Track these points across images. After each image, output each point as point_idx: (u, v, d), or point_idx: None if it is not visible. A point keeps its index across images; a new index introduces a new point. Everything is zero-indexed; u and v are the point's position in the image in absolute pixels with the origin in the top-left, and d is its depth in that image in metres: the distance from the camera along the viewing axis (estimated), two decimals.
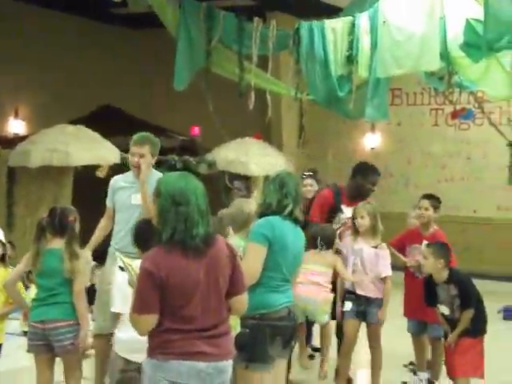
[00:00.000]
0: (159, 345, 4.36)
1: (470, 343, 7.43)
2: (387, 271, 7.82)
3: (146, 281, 4.30)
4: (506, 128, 14.80)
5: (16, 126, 18.77)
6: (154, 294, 4.26)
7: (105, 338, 6.77)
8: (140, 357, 5.39)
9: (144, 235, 6.00)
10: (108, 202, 7.63)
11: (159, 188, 4.45)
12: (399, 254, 8.60)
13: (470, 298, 7.48)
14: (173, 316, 4.32)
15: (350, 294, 7.96)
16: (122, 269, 5.72)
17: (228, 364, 4.55)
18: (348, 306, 7.92)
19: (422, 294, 7.95)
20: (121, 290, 5.88)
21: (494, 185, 15.96)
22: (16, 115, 18.60)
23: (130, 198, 7.36)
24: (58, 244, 6.34)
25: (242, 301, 4.68)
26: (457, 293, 7.43)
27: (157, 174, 7.52)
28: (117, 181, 7.69)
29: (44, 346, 6.22)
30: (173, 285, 4.29)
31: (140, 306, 4.30)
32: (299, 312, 6.78)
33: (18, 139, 15.73)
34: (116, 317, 5.97)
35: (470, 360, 7.45)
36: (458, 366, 7.44)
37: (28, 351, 6.39)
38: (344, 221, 8.66)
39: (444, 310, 7.56)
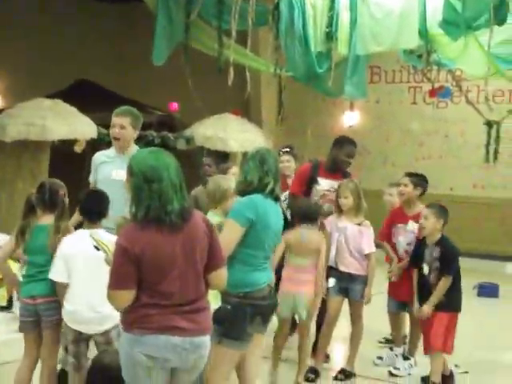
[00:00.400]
0: (136, 319, 4.34)
1: (444, 317, 7.49)
2: (371, 248, 7.87)
3: (121, 257, 4.32)
4: (484, 106, 14.69)
5: None
6: (130, 270, 4.27)
7: None
8: (89, 328, 5.78)
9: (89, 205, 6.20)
10: (91, 178, 7.60)
11: (131, 166, 4.48)
12: (393, 255, 8.53)
13: (449, 265, 7.52)
14: (150, 291, 4.33)
15: (333, 271, 7.94)
16: (96, 248, 5.55)
17: (205, 339, 4.55)
18: (331, 282, 7.91)
19: (408, 279, 8.03)
20: (65, 261, 5.88)
21: (470, 163, 16.12)
22: None
23: (111, 173, 7.28)
24: (48, 220, 6.29)
25: (221, 276, 4.70)
26: (439, 255, 7.49)
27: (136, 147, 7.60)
28: (98, 156, 7.64)
29: (34, 323, 6.20)
30: (148, 260, 4.30)
31: (116, 282, 4.32)
32: (288, 309, 6.89)
33: None
34: (63, 288, 5.93)
35: (441, 334, 7.55)
36: (432, 340, 7.53)
37: (20, 331, 6.36)
38: (322, 193, 8.59)
39: (426, 269, 7.60)
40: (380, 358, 8.44)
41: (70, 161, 13.41)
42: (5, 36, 18.24)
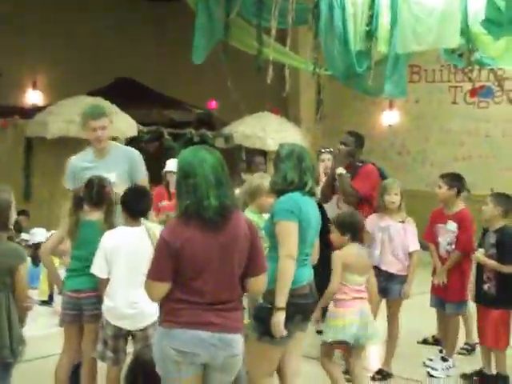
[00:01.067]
0: (167, 313, 4.46)
1: (502, 314, 7.55)
2: (415, 246, 7.91)
3: (162, 250, 4.40)
4: None
5: (34, 97, 18.88)
6: (168, 264, 4.32)
7: None
8: (128, 324, 5.87)
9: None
10: (70, 186, 7.26)
11: (177, 163, 4.64)
12: (436, 259, 8.57)
13: (506, 252, 7.47)
14: (184, 287, 4.40)
15: (377, 270, 7.88)
16: (148, 228, 5.97)
17: (236, 337, 4.58)
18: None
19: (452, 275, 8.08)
20: (106, 256, 5.99)
21: (509, 162, 16.03)
22: (34, 86, 18.81)
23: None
24: (95, 215, 6.41)
25: (260, 283, 4.74)
26: (495, 242, 7.49)
27: (124, 149, 7.82)
28: (77, 162, 7.42)
29: (76, 316, 6.30)
30: (186, 256, 4.36)
31: (154, 273, 4.39)
32: (354, 335, 6.51)
33: (35, 110, 15.84)
34: (104, 283, 6.05)
35: (496, 330, 7.60)
36: (501, 340, 7.58)
37: (60, 325, 6.47)
38: None
39: (478, 255, 7.65)
40: (430, 359, 8.42)
41: None
42: (47, 33, 18.68)
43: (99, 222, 6.35)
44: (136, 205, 6.16)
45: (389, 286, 7.86)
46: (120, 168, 7.23)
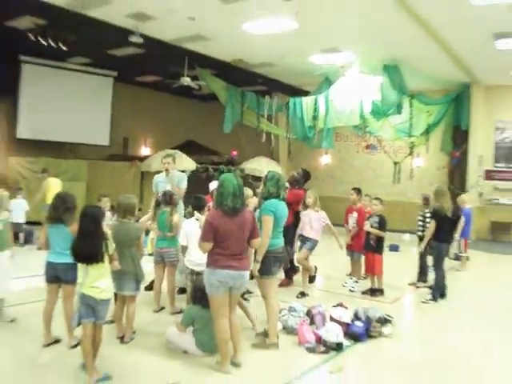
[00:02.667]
0: (211, 261, 5.25)
1: (378, 256, 8.98)
2: (327, 221, 9.07)
3: (207, 225, 5.19)
4: (392, 154, 18.32)
5: (145, 150, 21.40)
6: (211, 233, 5.14)
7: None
8: (197, 268, 6.63)
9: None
10: (154, 190, 8.63)
11: (218, 180, 5.41)
12: (348, 231, 9.69)
13: (380, 226, 8.88)
14: (219, 246, 5.18)
15: (300, 237, 9.12)
16: (197, 219, 6.77)
17: (245, 273, 5.36)
18: (299, 244, 9.16)
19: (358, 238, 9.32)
20: (186, 234, 6.81)
21: (386, 183, 18.37)
22: (145, 145, 21.83)
23: (165, 187, 8.24)
24: (166, 209, 7.41)
25: (257, 242, 5.50)
26: (377, 221, 8.91)
27: (177, 172, 8.72)
28: (157, 178, 8.74)
29: (161, 261, 7.43)
30: (219, 229, 5.13)
31: (204, 237, 5.19)
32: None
33: (146, 157, 18.23)
34: (184, 248, 6.86)
35: (376, 265, 8.93)
36: (376, 269, 8.92)
37: (154, 263, 7.55)
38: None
39: (368, 226, 9.01)
40: (346, 282, 9.65)
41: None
42: (151, 114, 21.46)
43: (168, 212, 7.41)
44: (197, 204, 7.10)
45: (305, 243, 8.99)
46: (175, 181, 8.39)
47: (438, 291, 9.08)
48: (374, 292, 9.03)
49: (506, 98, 17.74)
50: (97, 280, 4.92)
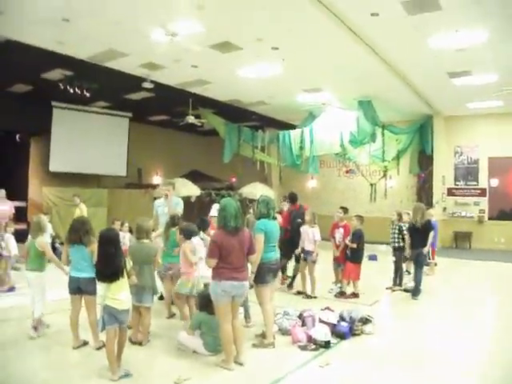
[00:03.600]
0: (216, 274, 5.24)
1: (354, 265, 9.09)
2: (318, 238, 9.01)
3: (213, 244, 5.21)
4: (368, 177, 18.30)
5: (156, 179, 20.96)
6: (216, 250, 5.15)
7: None
8: (204, 280, 6.48)
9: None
10: (154, 212, 8.43)
11: (219, 204, 5.50)
12: (334, 245, 9.50)
13: (355, 238, 8.97)
14: (223, 261, 5.19)
15: (304, 249, 9.17)
16: (202, 239, 6.79)
17: (245, 283, 5.41)
18: (302, 255, 9.28)
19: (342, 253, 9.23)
20: (196, 251, 6.68)
21: (364, 201, 18.42)
22: (156, 174, 21.48)
23: (164, 210, 8.22)
24: (174, 229, 7.28)
25: (254, 257, 5.60)
26: (352, 235, 9.01)
27: (175, 198, 8.53)
28: (157, 202, 8.58)
29: (168, 275, 7.26)
30: (223, 246, 5.16)
31: (210, 254, 5.21)
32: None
33: (157, 185, 18.06)
34: (195, 263, 6.65)
35: (353, 271, 9.06)
36: (352, 276, 9.07)
37: (160, 279, 7.32)
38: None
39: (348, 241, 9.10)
40: (332, 288, 9.67)
41: (188, 205, 14.04)
42: (160, 149, 21.56)
43: (176, 232, 7.18)
44: (201, 226, 7.24)
45: (307, 256, 9.13)
46: (172, 205, 8.24)
47: (416, 289, 9.36)
48: (349, 295, 9.08)
49: (463, 126, 18.10)
50: (117, 293, 4.95)
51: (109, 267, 4.96)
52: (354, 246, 8.92)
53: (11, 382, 5.00)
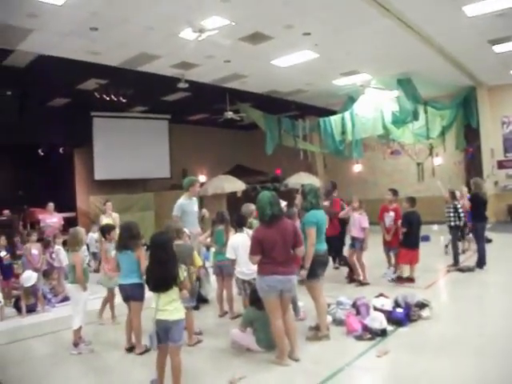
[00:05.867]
0: (261, 269, 5.20)
1: (408, 250, 8.84)
2: (366, 225, 8.90)
3: (254, 240, 5.16)
4: (414, 156, 18.17)
5: (201, 178, 20.40)
6: (258, 246, 5.09)
7: None
8: (247, 278, 6.58)
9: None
10: (176, 213, 7.72)
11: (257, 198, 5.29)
12: (384, 229, 9.23)
13: (404, 223, 8.75)
14: (266, 256, 5.12)
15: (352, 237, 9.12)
16: (247, 234, 6.57)
17: (293, 277, 5.27)
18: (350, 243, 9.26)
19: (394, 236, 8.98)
20: (232, 247, 6.74)
21: (412, 182, 18.31)
22: (201, 173, 21.36)
23: (193, 207, 7.95)
24: (221, 227, 7.42)
25: (300, 250, 5.34)
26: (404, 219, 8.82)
27: (195, 198, 8.11)
28: (182, 201, 7.85)
29: (221, 273, 7.31)
30: (264, 242, 5.09)
31: (253, 251, 5.16)
32: None
33: (203, 183, 17.21)
34: (233, 261, 6.79)
35: (409, 257, 8.84)
36: (412, 261, 8.85)
37: (215, 275, 7.52)
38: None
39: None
40: (385, 273, 9.47)
41: (234, 201, 15.77)
42: (204, 150, 21.55)
43: (222, 230, 7.44)
44: (239, 221, 7.01)
45: (355, 243, 9.03)
46: (197, 205, 8.11)
47: (481, 261, 9.52)
48: (405, 279, 8.90)
49: (509, 95, 17.41)
50: (168, 304, 4.54)
51: (160, 275, 4.51)
52: (404, 230, 8.70)
53: None
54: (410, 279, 8.81)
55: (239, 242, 6.59)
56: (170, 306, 4.54)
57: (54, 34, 9.51)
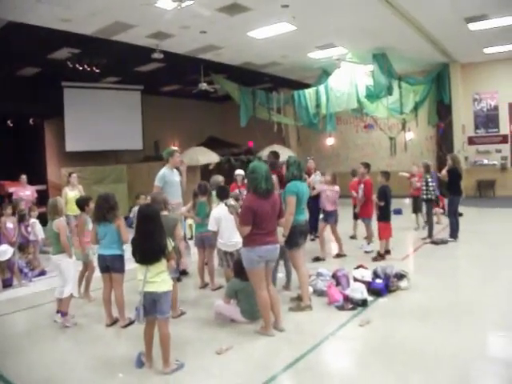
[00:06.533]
0: (250, 240, 5.15)
1: (384, 224, 8.83)
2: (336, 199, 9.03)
3: (247, 210, 5.08)
4: (387, 131, 18.21)
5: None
6: (250, 216, 5.04)
7: None
8: (229, 248, 6.63)
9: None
10: (159, 183, 7.64)
11: (249, 167, 5.27)
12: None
13: (380, 196, 8.74)
14: (257, 226, 5.11)
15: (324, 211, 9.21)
16: (226, 205, 5.73)
17: (278, 246, 5.35)
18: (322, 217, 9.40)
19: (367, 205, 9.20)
20: (214, 219, 6.69)
21: (383, 155, 18.78)
22: (174, 145, 20.15)
23: (174, 178, 7.85)
24: (203, 199, 7.43)
25: (283, 219, 5.55)
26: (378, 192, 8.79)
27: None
28: (164, 172, 7.75)
29: (202, 244, 7.39)
30: (257, 212, 5.06)
31: (244, 221, 5.08)
32: None
33: None
34: (216, 233, 6.76)
35: (387, 232, 8.84)
36: (385, 235, 8.81)
37: (196, 246, 7.53)
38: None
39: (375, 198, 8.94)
40: (362, 244, 9.62)
41: (207, 173, 14.37)
42: (178, 119, 21.64)
43: (205, 201, 7.43)
44: (221, 193, 6.93)
45: (327, 217, 9.12)
46: (178, 175, 7.98)
47: (454, 233, 9.87)
48: (385, 254, 8.92)
49: (481, 73, 17.66)
50: (156, 275, 4.49)
51: (148, 247, 4.44)
52: (382, 203, 8.68)
53: (43, 365, 4.95)
54: (387, 251, 8.94)
55: (222, 214, 6.52)
56: (158, 278, 4.50)
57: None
